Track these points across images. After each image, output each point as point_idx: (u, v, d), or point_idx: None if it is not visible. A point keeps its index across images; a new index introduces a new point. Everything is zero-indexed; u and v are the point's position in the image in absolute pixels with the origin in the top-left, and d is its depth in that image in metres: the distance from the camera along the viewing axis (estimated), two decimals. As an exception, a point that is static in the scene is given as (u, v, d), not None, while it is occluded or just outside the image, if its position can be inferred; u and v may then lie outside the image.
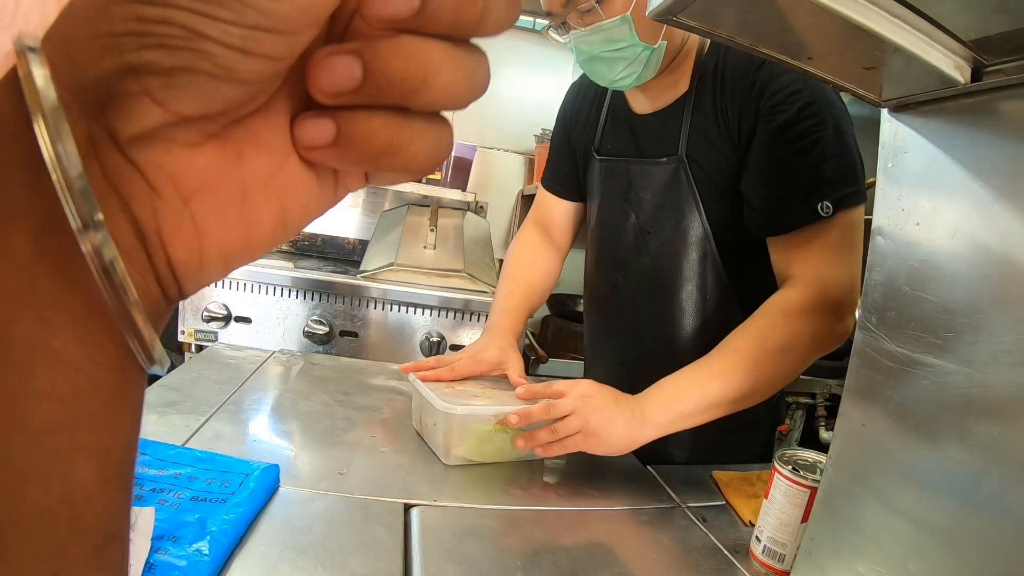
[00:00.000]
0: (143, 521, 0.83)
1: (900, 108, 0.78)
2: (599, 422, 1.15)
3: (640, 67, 1.31)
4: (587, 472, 1.35)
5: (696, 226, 1.38)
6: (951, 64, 0.66)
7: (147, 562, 0.77)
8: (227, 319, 2.48)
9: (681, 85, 1.39)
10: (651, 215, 1.45)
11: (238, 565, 0.83)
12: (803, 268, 1.22)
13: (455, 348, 2.57)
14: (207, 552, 0.81)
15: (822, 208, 1.16)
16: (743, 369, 1.16)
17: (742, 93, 1.27)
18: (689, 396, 1.17)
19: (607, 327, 1.69)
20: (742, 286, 1.37)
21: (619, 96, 1.56)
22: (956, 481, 0.69)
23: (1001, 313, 0.65)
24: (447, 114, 0.32)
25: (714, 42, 1.34)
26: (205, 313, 2.45)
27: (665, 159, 1.40)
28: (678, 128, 1.38)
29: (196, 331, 2.48)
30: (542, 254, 1.77)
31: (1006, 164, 0.66)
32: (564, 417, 1.15)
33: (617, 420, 1.16)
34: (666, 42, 1.29)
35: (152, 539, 0.81)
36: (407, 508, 1.05)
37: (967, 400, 0.68)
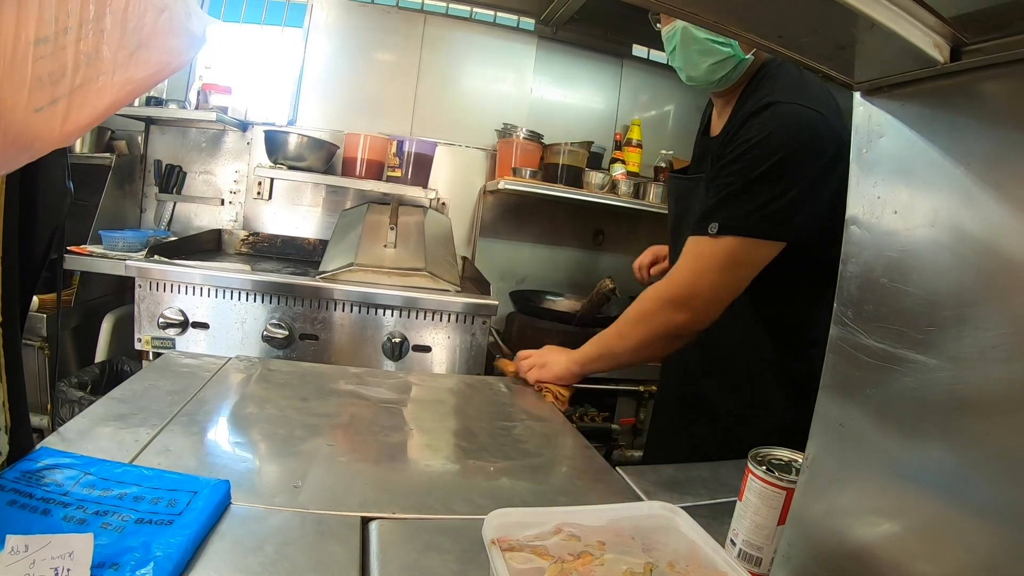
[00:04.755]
0: (80, 550, 0.78)
1: (874, 91, 0.74)
2: (547, 361, 1.87)
3: (726, 69, 1.59)
4: (554, 476, 1.31)
5: None
6: (929, 42, 0.63)
7: (86, 592, 0.72)
8: (184, 325, 2.40)
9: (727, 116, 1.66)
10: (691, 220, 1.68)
11: (184, 591, 0.78)
12: (676, 265, 1.61)
13: (418, 349, 2.52)
14: (151, 579, 0.76)
15: (711, 228, 1.50)
16: (627, 330, 1.75)
17: (736, 133, 1.53)
18: (594, 347, 1.85)
19: None
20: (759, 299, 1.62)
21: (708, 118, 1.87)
22: (941, 481, 0.66)
23: (987, 305, 0.61)
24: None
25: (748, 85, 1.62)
26: (161, 320, 2.37)
27: (702, 176, 1.70)
28: (712, 152, 1.65)
29: (153, 338, 2.41)
30: None
31: (988, 148, 0.63)
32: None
33: (559, 359, 1.86)
34: (752, 57, 1.58)
35: (92, 568, 0.76)
36: (365, 522, 1.00)
37: (952, 397, 0.64)
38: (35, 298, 2.40)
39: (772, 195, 1.44)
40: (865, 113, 0.75)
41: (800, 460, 0.95)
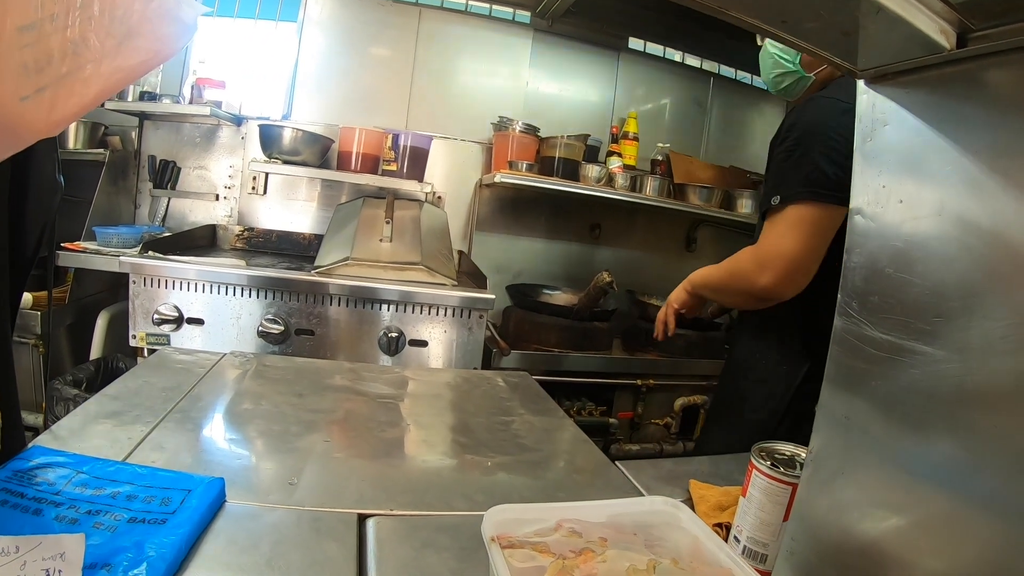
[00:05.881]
0: (72, 551, 0.77)
1: (878, 78, 0.73)
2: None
3: (790, 80, 1.87)
4: (553, 470, 1.30)
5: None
6: (936, 28, 0.61)
7: (78, 594, 0.71)
8: (179, 321, 2.38)
9: None
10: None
11: (177, 592, 0.77)
12: (760, 237, 1.72)
13: (414, 344, 2.51)
14: (144, 579, 0.74)
15: (773, 201, 1.65)
16: (716, 272, 1.89)
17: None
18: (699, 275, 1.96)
19: None
20: None
21: None
22: (949, 476, 0.65)
23: (996, 296, 0.60)
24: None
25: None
26: (155, 316, 2.35)
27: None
28: None
29: (147, 335, 2.39)
30: None
31: (995, 136, 0.62)
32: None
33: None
34: (814, 77, 1.83)
35: (83, 569, 0.75)
36: (362, 519, 0.99)
37: (960, 390, 0.63)
38: (28, 295, 2.38)
39: (808, 165, 1.58)
40: (869, 101, 0.74)
41: (804, 455, 0.94)
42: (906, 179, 0.70)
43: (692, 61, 4.11)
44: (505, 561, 0.73)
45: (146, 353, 2.39)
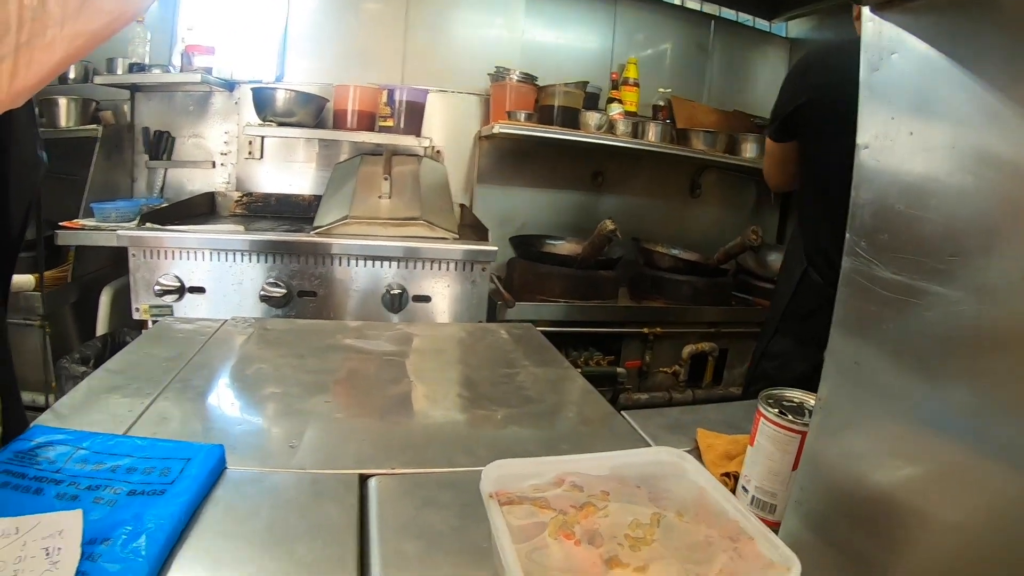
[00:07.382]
0: (70, 527, 0.76)
1: (885, 4, 0.68)
2: None
3: None
4: (558, 422, 1.29)
5: None
6: (947, -55, 0.57)
7: (78, 571, 0.70)
8: (180, 291, 2.38)
9: None
10: None
11: (178, 563, 0.76)
12: None
13: (418, 299, 2.49)
14: (144, 552, 0.73)
15: None
16: None
17: None
18: None
19: None
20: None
21: None
22: (964, 423, 0.62)
23: (1017, 232, 0.57)
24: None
25: None
26: (157, 287, 2.34)
27: None
28: None
29: (150, 307, 2.38)
30: None
31: (1013, 63, 0.58)
32: None
33: None
34: None
35: (83, 545, 0.74)
36: (363, 479, 0.98)
37: (976, 332, 0.60)
38: (31, 277, 2.36)
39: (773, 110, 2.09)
40: (875, 29, 0.70)
41: (812, 402, 0.91)
42: (916, 111, 0.66)
43: (692, 4, 4.03)
44: (503, 518, 0.71)
45: (150, 325, 2.39)
